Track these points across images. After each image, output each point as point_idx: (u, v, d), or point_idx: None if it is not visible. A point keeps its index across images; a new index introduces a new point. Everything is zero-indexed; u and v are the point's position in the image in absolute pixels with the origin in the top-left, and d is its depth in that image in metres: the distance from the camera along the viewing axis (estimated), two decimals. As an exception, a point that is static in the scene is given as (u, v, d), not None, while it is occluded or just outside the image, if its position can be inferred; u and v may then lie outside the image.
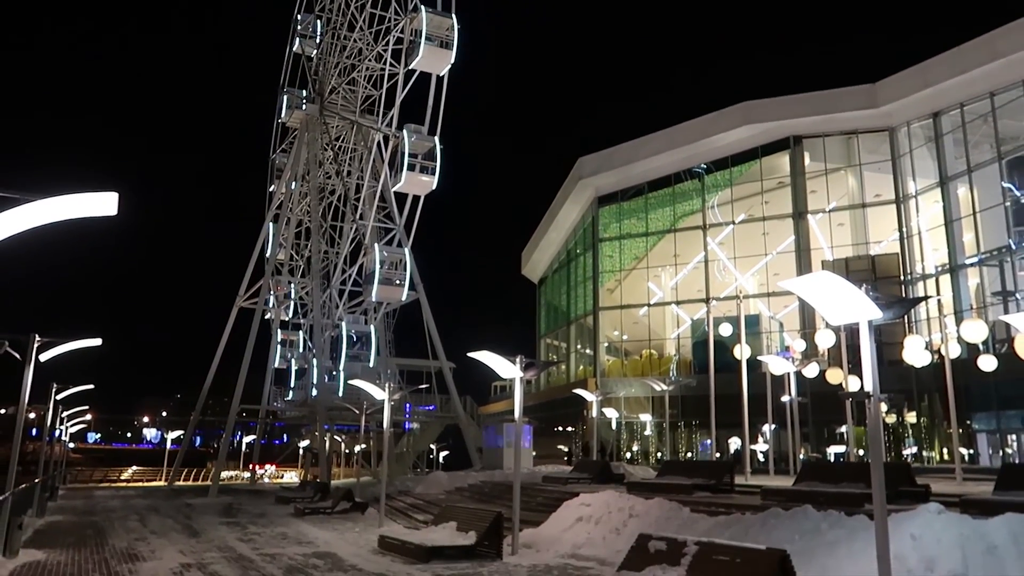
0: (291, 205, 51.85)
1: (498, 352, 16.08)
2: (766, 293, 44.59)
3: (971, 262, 36.17)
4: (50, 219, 7.22)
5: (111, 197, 7.33)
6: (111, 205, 7.34)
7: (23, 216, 7.07)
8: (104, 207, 7.34)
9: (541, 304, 63.92)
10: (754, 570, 9.32)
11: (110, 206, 7.34)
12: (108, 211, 7.36)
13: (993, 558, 9.42)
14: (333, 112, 50.01)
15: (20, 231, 7.09)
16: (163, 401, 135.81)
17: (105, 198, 7.33)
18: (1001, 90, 35.02)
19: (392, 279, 44.08)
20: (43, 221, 7.20)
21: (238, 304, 49.90)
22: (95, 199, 7.32)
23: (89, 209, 7.33)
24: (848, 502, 13.47)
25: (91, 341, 17.37)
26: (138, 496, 37.63)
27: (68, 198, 7.23)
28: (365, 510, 26.02)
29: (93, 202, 7.33)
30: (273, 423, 63.94)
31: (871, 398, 9.05)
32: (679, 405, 42.29)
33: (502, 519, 15.66)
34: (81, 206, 7.29)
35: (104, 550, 16.77)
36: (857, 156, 42.17)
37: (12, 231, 7.05)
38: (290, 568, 14.11)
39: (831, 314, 9.59)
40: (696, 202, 47.14)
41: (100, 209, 7.35)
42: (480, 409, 62.47)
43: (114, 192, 7.33)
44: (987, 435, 35.10)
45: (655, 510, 15.91)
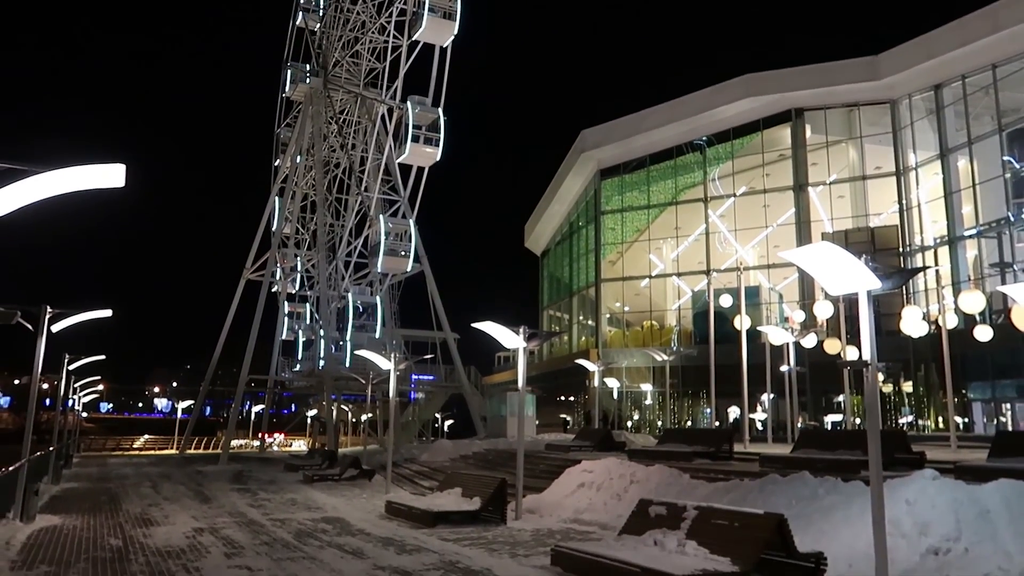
0: (296, 179, 52.31)
1: (501, 323, 16.46)
2: (766, 265, 45.15)
3: (970, 234, 36.64)
4: (58, 191, 7.20)
5: (118, 169, 7.34)
6: (119, 177, 7.35)
7: (31, 188, 7.06)
8: (111, 179, 7.35)
9: (544, 276, 64.54)
10: (752, 534, 9.53)
11: (117, 178, 7.36)
12: (116, 183, 7.38)
13: (986, 522, 9.63)
14: (337, 85, 50.21)
15: (29, 203, 7.10)
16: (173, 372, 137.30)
17: (112, 170, 7.33)
18: (1003, 62, 35.22)
19: (397, 250, 44.58)
20: (51, 193, 7.19)
21: (245, 276, 50.58)
22: (102, 171, 7.32)
23: (97, 181, 7.33)
24: (844, 469, 13.80)
25: (101, 312, 17.47)
26: (150, 464, 38.45)
27: (76, 170, 7.23)
28: (372, 477, 26.65)
29: (100, 174, 7.32)
30: (281, 393, 64.92)
31: (868, 367, 9.43)
32: (679, 375, 43.17)
33: (506, 485, 16.14)
34: (89, 178, 7.29)
35: (119, 515, 17.19)
36: (858, 128, 42.44)
37: (21, 203, 7.04)
38: (300, 532, 14.54)
39: (830, 284, 9.85)
40: (697, 175, 47.51)
41: (107, 181, 7.36)
42: (484, 379, 63.41)
43: (121, 164, 7.34)
44: (982, 404, 35.85)
45: (655, 476, 16.30)
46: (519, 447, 17.06)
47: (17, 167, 7.00)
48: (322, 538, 13.87)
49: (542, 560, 11.32)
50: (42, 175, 7.06)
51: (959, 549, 9.39)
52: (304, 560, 11.46)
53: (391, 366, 23.31)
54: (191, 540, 13.49)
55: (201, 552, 12.18)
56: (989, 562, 8.87)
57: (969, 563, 9.01)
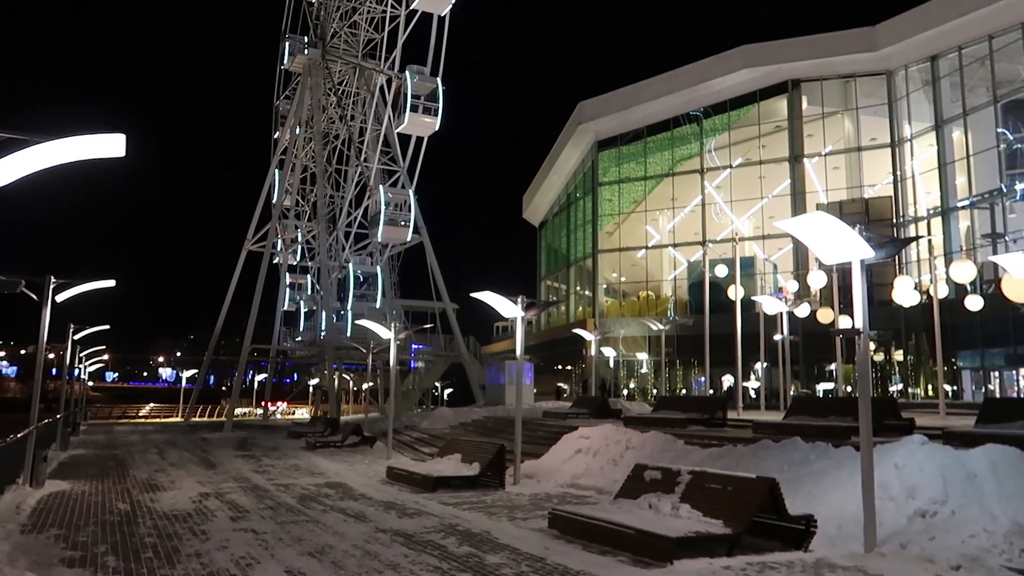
0: (296, 151, 52.19)
1: (500, 294, 16.69)
2: (761, 236, 45.40)
3: (962, 205, 36.91)
4: (59, 160, 7.19)
5: (119, 138, 7.33)
6: (119, 146, 7.35)
7: (32, 157, 7.05)
8: (112, 148, 7.34)
9: (542, 247, 64.74)
10: (744, 497, 9.72)
11: (118, 147, 7.35)
12: (116, 152, 7.38)
13: (972, 486, 9.79)
14: (335, 56, 49.91)
15: (30, 172, 7.09)
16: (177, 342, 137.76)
17: (113, 139, 7.32)
18: (999, 33, 35.18)
19: (397, 220, 44.63)
20: (52, 163, 7.17)
21: (246, 248, 50.70)
22: (103, 140, 7.30)
23: (97, 150, 7.32)
24: (835, 435, 14.06)
25: (105, 282, 17.63)
26: (156, 431, 38.80)
27: (76, 139, 7.21)
28: (373, 444, 27.01)
29: (101, 143, 7.31)
30: (284, 362, 65.50)
31: (860, 335, 9.74)
32: (675, 344, 43.62)
33: (504, 451, 16.48)
34: (89, 147, 7.28)
35: (126, 480, 17.48)
36: (854, 100, 42.46)
37: (22, 172, 6.99)
38: (303, 497, 14.82)
39: (824, 253, 10.07)
40: (694, 146, 47.56)
41: (108, 150, 7.34)
42: (483, 349, 63.95)
43: (121, 133, 7.31)
44: (971, 372, 36.42)
45: (651, 442, 16.57)
46: (517, 414, 17.36)
47: (17, 136, 6.97)
48: (325, 502, 14.13)
49: (540, 523, 11.64)
50: (42, 145, 7.05)
51: (946, 511, 9.59)
52: (308, 523, 11.76)
53: (391, 336, 23.60)
54: (197, 504, 13.77)
55: (207, 516, 12.48)
56: (975, 524, 9.11)
57: (955, 525, 9.24)
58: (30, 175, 7.10)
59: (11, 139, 6.96)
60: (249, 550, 9.71)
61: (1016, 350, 32.19)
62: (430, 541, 10.37)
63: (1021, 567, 8.39)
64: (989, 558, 8.57)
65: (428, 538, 10.59)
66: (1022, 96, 34.39)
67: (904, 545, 9.26)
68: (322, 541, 10.33)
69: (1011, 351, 32.93)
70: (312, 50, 49.15)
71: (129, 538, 10.53)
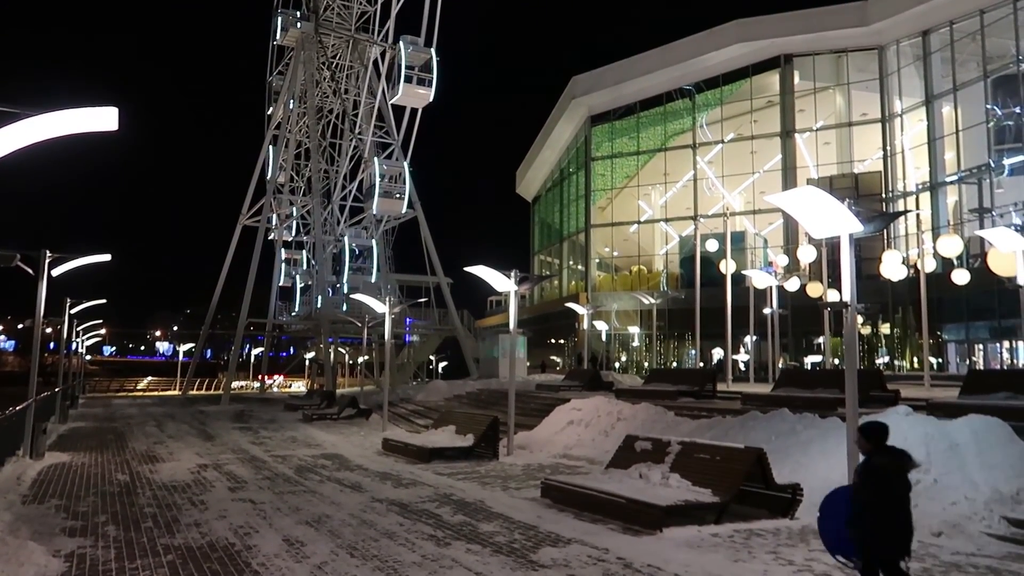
0: (289, 127, 51.84)
1: (494, 268, 16.90)
2: (752, 210, 45.59)
3: (951, 180, 37.11)
4: (51, 134, 7.14)
5: (111, 112, 7.28)
6: (111, 120, 7.29)
7: (24, 131, 7.01)
8: (104, 122, 7.29)
9: (535, 222, 64.81)
10: (732, 467, 9.97)
11: (110, 121, 7.30)
12: (109, 126, 7.33)
13: (954, 454, 10.03)
14: (328, 29, 49.42)
15: (22, 146, 7.06)
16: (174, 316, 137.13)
17: (105, 113, 7.26)
18: (990, 7, 35.10)
19: (392, 192, 44.51)
20: (44, 136, 7.11)
21: (241, 223, 50.53)
22: (95, 114, 7.24)
23: (90, 124, 7.27)
24: (822, 406, 14.30)
25: (100, 256, 17.67)
26: (154, 404, 39.05)
27: (68, 113, 7.17)
28: (369, 416, 27.21)
29: (93, 117, 7.25)
30: (280, 336, 65.53)
31: (848, 308, 9.97)
32: (666, 318, 43.98)
33: (498, 423, 16.76)
34: (82, 121, 7.23)
35: (125, 452, 17.71)
36: (846, 75, 42.44)
37: (14, 146, 6.92)
38: (300, 468, 15.06)
39: (814, 227, 10.19)
40: (687, 121, 47.53)
41: (100, 124, 7.30)
42: (477, 323, 64.23)
43: (114, 107, 7.25)
44: (956, 345, 36.89)
45: (641, 414, 16.86)
46: (510, 387, 17.60)
47: (8, 110, 6.91)
48: (322, 473, 14.37)
49: (532, 493, 11.91)
50: (34, 118, 6.98)
51: (928, 480, 9.81)
52: (305, 493, 12.00)
53: (386, 310, 23.77)
54: (196, 475, 13.99)
55: (206, 486, 12.70)
56: (957, 492, 9.39)
57: (938, 493, 9.50)
58: (23, 149, 7.10)
59: (2, 112, 6.94)
60: (247, 519, 9.93)
61: (1000, 323, 32.59)
62: (425, 510, 10.61)
63: (1000, 533, 8.69)
64: (970, 525, 8.87)
65: (423, 507, 10.83)
66: (1012, 72, 34.42)
67: (887, 512, 9.53)
68: (319, 511, 10.55)
69: (995, 324, 33.34)
70: (305, 23, 48.59)
71: (129, 508, 10.73)
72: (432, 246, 46.53)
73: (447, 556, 8.02)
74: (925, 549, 8.22)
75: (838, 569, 7.46)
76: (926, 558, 7.87)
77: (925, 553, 8.06)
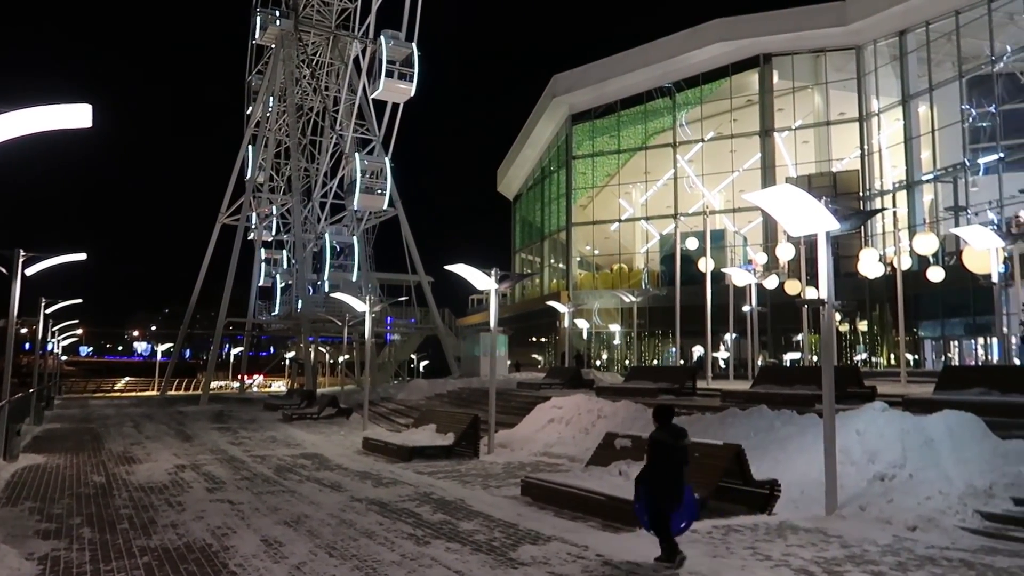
0: (269, 126, 51.40)
1: (475, 266, 16.81)
2: (732, 209, 45.90)
3: (927, 178, 37.57)
4: (25, 131, 7.05)
5: (84, 109, 7.19)
6: (85, 117, 7.21)
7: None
8: (78, 119, 7.20)
9: (516, 220, 64.84)
10: (711, 463, 9.95)
11: (84, 118, 7.21)
12: (83, 123, 7.25)
13: (929, 449, 10.15)
14: (308, 26, 49.08)
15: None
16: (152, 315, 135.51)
17: (79, 110, 7.17)
18: (966, 8, 35.57)
19: (373, 188, 44.15)
20: (18, 133, 7.02)
21: (220, 221, 50.00)
22: (69, 111, 7.15)
23: (63, 121, 7.18)
24: (800, 402, 14.38)
25: (75, 256, 17.47)
26: (132, 405, 38.38)
27: (42, 109, 7.06)
28: (349, 415, 27.04)
29: (67, 114, 7.15)
30: (259, 336, 65.15)
31: (825, 305, 10.07)
32: (647, 315, 44.18)
33: (479, 421, 16.72)
34: (55, 118, 7.14)
35: (101, 453, 17.38)
36: (824, 74, 42.84)
37: None
38: (280, 468, 14.88)
39: (792, 225, 10.26)
40: (667, 120, 47.74)
41: (74, 121, 7.21)
42: (458, 321, 64.22)
43: (87, 104, 7.16)
44: (932, 341, 37.37)
45: (622, 411, 16.81)
46: (491, 385, 17.58)
47: None
48: (301, 473, 14.25)
49: (513, 491, 11.88)
50: (7, 115, 6.95)
51: (904, 475, 9.95)
52: (284, 493, 11.88)
53: (366, 308, 23.66)
54: (173, 476, 13.79)
55: (183, 487, 12.53)
56: (931, 486, 9.48)
57: (913, 487, 9.60)
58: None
59: (-28, 109, 6.79)
60: (225, 520, 9.82)
61: (975, 320, 33.05)
62: (405, 509, 10.56)
63: (974, 527, 8.79)
64: (944, 519, 8.95)
65: (403, 506, 10.78)
66: (986, 72, 34.89)
67: (864, 507, 9.63)
68: (298, 511, 10.47)
69: (970, 321, 33.80)
70: (284, 21, 48.18)
71: (105, 510, 10.57)
72: (413, 244, 46.43)
73: (426, 555, 8.00)
74: (900, 543, 8.30)
75: (815, 564, 7.54)
76: (901, 552, 7.95)
77: (900, 547, 8.14)
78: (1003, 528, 8.74)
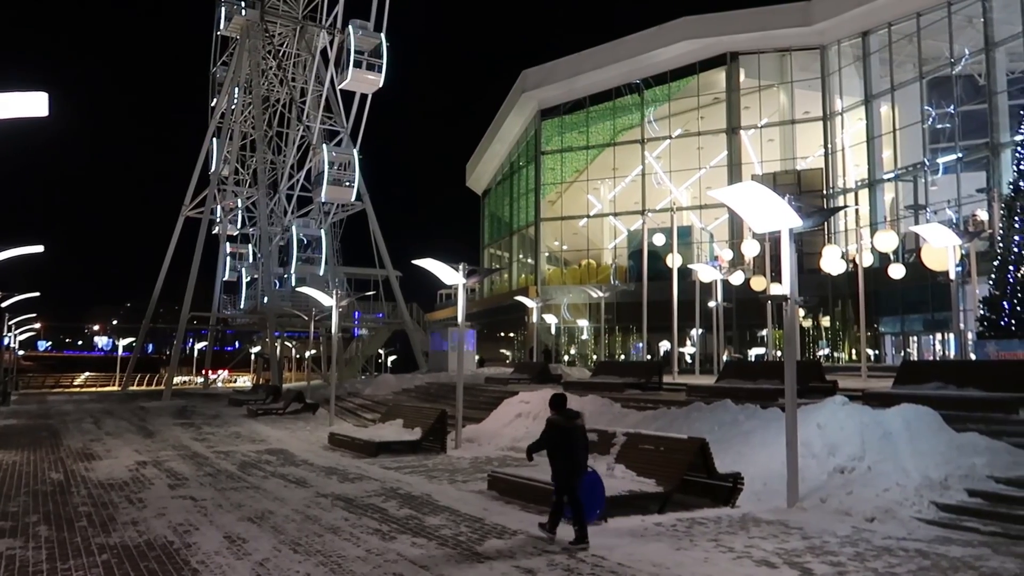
0: (234, 118, 50.61)
1: (444, 261, 16.83)
2: (699, 205, 46.28)
3: (888, 177, 38.26)
4: None
5: (40, 97, 7.04)
6: (41, 106, 7.04)
7: None
8: (34, 108, 7.01)
9: (485, 215, 64.73)
10: (676, 457, 10.20)
11: (40, 107, 7.04)
12: (39, 112, 7.06)
13: (888, 442, 10.40)
14: (275, 17, 48.37)
15: None
16: (113, 309, 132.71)
17: (34, 98, 7.02)
18: (927, 10, 36.21)
19: (341, 180, 43.68)
20: None
21: (184, 214, 49.20)
22: (25, 99, 6.98)
23: (18, 110, 7.00)
24: (764, 397, 14.69)
25: (32, 248, 17.39)
26: (92, 400, 37.97)
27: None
28: (316, 411, 27.04)
29: (22, 102, 6.97)
30: (224, 330, 64.17)
31: (788, 301, 10.23)
32: (615, 311, 44.44)
33: (446, 416, 16.77)
34: (10, 106, 6.96)
35: (60, 450, 17.14)
36: (790, 73, 43.35)
37: None
38: (244, 464, 14.82)
39: (756, 222, 10.41)
40: (635, 116, 47.98)
41: (30, 110, 7.00)
42: (427, 316, 64.01)
43: (44, 93, 7.02)
44: (892, 337, 38.12)
45: (589, 406, 16.71)
46: (459, 380, 17.59)
47: None
48: (266, 469, 14.18)
49: (479, 485, 11.95)
50: None
51: (863, 467, 10.19)
52: (248, 490, 11.80)
53: (333, 302, 23.51)
54: (134, 473, 13.63)
55: (144, 484, 12.39)
56: (889, 478, 9.72)
57: (871, 479, 9.84)
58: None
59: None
60: (187, 517, 9.72)
61: (934, 316, 33.78)
62: (371, 504, 10.54)
63: (930, 518, 9.01)
64: (901, 510, 9.18)
65: (369, 502, 10.76)
66: (946, 73, 35.62)
67: (824, 499, 9.83)
68: (262, 507, 10.40)
69: (929, 317, 34.54)
70: (250, 11, 47.43)
71: (62, 507, 10.41)
72: (381, 238, 46.14)
73: (392, 550, 7.98)
74: (859, 534, 8.48)
75: (776, 555, 7.67)
76: (859, 543, 8.12)
77: (859, 538, 8.31)
78: (957, 519, 8.97)
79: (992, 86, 33.33)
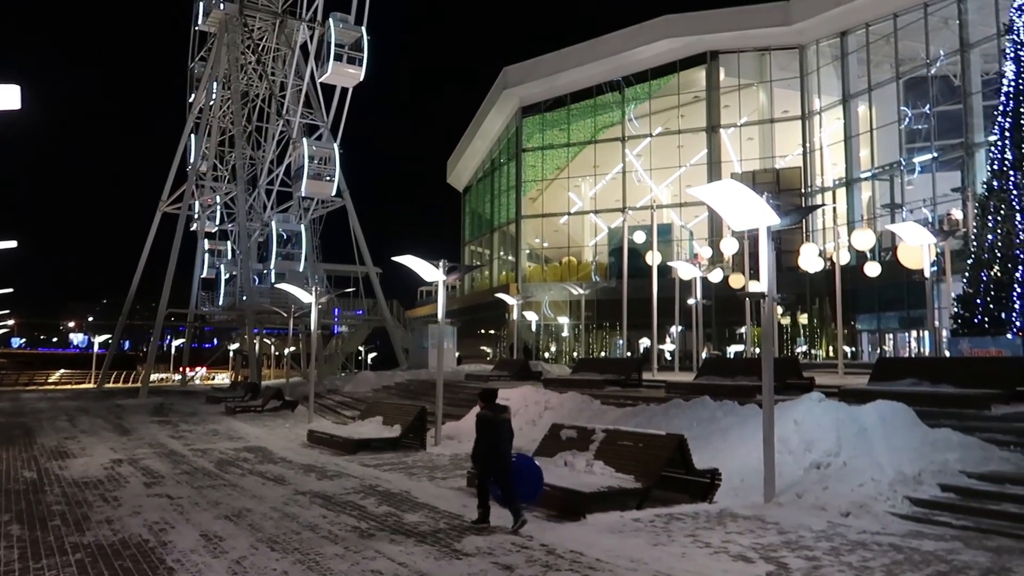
0: (213, 113, 50.10)
1: (425, 258, 16.72)
2: (679, 203, 46.51)
3: (865, 176, 38.67)
4: None
5: (13, 90, 6.92)
6: (14, 99, 6.93)
7: None
8: (6, 100, 6.93)
9: (466, 212, 64.64)
10: (654, 453, 10.27)
11: (12, 100, 6.94)
12: (11, 105, 6.98)
13: (863, 438, 10.53)
14: (254, 10, 47.90)
15: None
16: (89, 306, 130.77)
17: (7, 91, 6.90)
18: (904, 11, 36.61)
19: (322, 174, 43.34)
20: None
21: (161, 209, 48.64)
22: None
23: None
24: (742, 393, 14.80)
25: (6, 244, 17.27)
26: (67, 398, 37.43)
27: None
28: (295, 408, 26.84)
29: None
30: (202, 327, 63.55)
31: (766, 298, 10.32)
32: (595, 308, 44.62)
33: (426, 413, 16.75)
34: None
35: (33, 448, 16.93)
36: (769, 72, 43.66)
37: None
38: (221, 462, 14.72)
39: (735, 220, 10.48)
40: (616, 114, 48.12)
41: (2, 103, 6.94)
42: (407, 313, 63.83)
43: (16, 85, 6.89)
44: (868, 334, 38.54)
45: (568, 403, 17.12)
46: (439, 377, 17.57)
47: None
48: (244, 466, 14.10)
49: (459, 482, 11.96)
50: None
51: (839, 463, 10.30)
52: (225, 488, 11.71)
53: (312, 299, 23.36)
54: (109, 471, 13.49)
55: (120, 482, 12.26)
56: (864, 474, 9.84)
57: (847, 475, 9.95)
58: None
59: None
60: (163, 515, 9.63)
61: (909, 314, 34.19)
62: (349, 502, 10.51)
63: (904, 512, 9.14)
64: (875, 504, 9.30)
65: (347, 499, 10.72)
66: (922, 74, 36.03)
67: (800, 495, 9.92)
68: (240, 504, 10.33)
69: (904, 315, 34.97)
70: (228, 5, 46.90)
71: (36, 506, 10.29)
72: (361, 235, 45.93)
73: (370, 547, 7.96)
74: (834, 529, 8.57)
75: (752, 550, 7.73)
76: (835, 537, 8.21)
77: (834, 533, 8.41)
78: (930, 513, 9.10)
79: (967, 87, 33.75)
